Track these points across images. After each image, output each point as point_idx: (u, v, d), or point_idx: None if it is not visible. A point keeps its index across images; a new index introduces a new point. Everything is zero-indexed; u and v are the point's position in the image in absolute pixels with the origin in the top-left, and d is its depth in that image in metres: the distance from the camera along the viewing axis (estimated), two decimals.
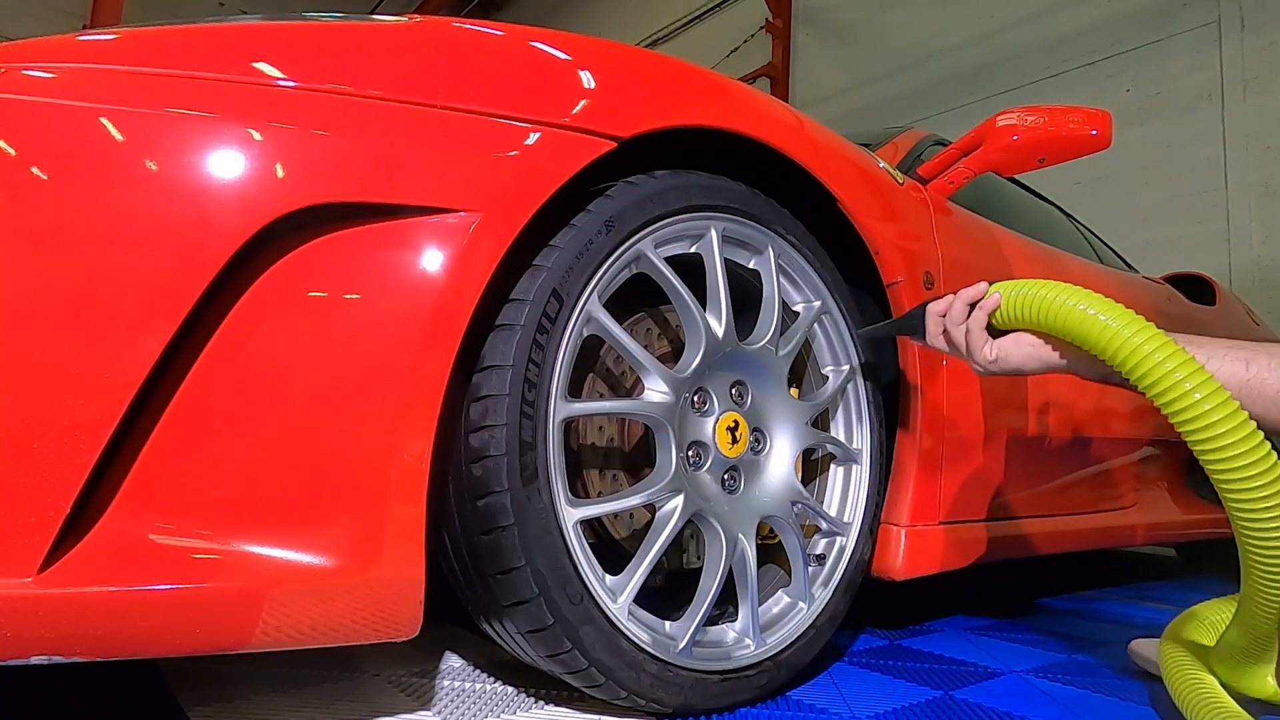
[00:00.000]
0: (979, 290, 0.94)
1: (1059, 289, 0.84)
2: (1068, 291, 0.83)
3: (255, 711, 0.85)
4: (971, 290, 0.95)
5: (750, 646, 0.97)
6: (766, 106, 1.09)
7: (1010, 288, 0.91)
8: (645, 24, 7.76)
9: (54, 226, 0.62)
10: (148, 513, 0.63)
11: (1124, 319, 0.77)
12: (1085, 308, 0.80)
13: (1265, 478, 0.69)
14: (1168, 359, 0.73)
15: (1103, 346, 0.78)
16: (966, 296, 0.94)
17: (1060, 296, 0.83)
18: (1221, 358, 0.78)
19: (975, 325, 0.93)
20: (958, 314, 0.95)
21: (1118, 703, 1.06)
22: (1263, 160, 4.02)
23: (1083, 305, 0.80)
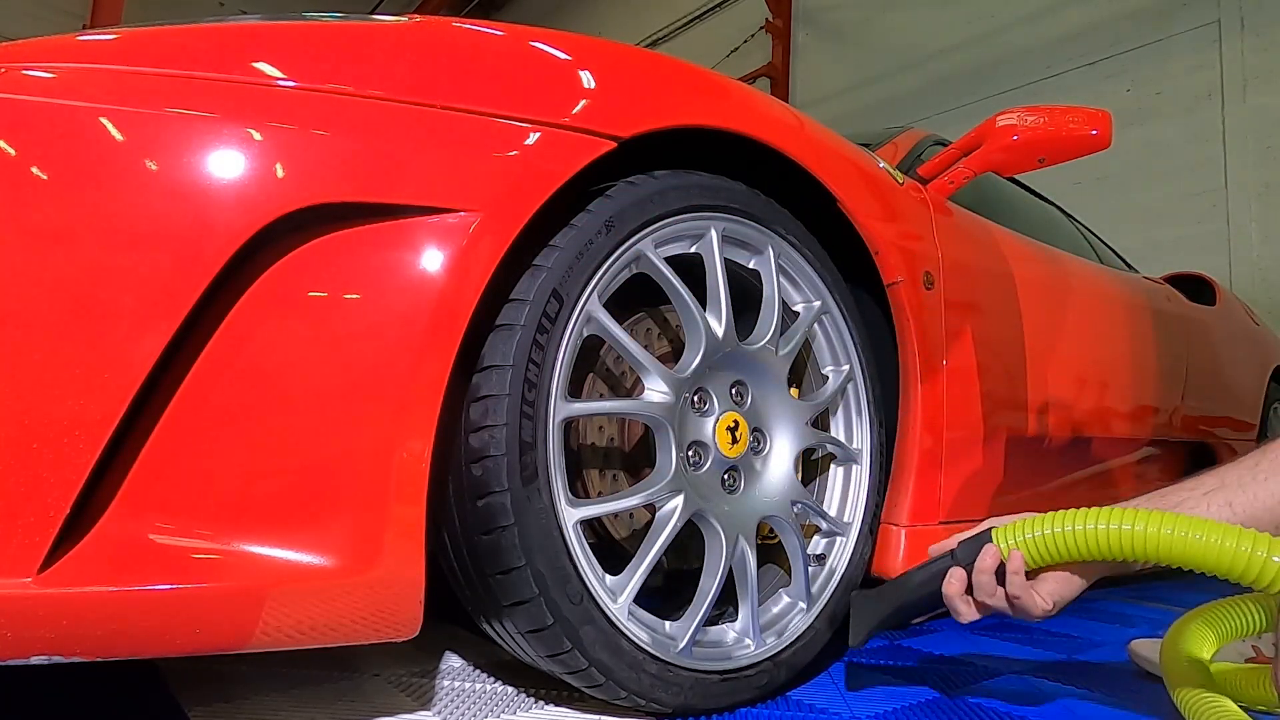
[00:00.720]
0: (994, 557, 0.86)
1: (1070, 519, 0.82)
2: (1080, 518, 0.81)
3: (255, 711, 0.85)
4: (986, 560, 0.86)
5: (750, 646, 0.97)
6: (767, 106, 1.09)
7: (1021, 534, 0.85)
8: (645, 24, 7.77)
9: (54, 226, 0.62)
10: (148, 513, 0.63)
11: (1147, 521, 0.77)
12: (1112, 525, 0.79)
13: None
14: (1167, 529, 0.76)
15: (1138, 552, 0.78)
16: (985, 569, 0.86)
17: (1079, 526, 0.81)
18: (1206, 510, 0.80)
19: (1018, 589, 0.85)
20: (987, 588, 0.87)
21: (1118, 703, 1.06)
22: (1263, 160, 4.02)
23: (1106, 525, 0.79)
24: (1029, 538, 0.84)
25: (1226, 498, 0.79)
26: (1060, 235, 2.29)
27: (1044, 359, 1.59)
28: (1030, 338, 1.53)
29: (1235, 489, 0.79)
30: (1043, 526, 0.83)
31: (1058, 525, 0.82)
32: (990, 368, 1.39)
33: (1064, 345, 1.69)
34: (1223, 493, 0.79)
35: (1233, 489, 0.79)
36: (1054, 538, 0.82)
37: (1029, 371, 1.50)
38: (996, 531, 0.87)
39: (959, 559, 0.89)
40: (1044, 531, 0.83)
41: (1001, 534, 0.87)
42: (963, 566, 0.88)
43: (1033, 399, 1.52)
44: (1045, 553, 0.83)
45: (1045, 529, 0.83)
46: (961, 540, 0.91)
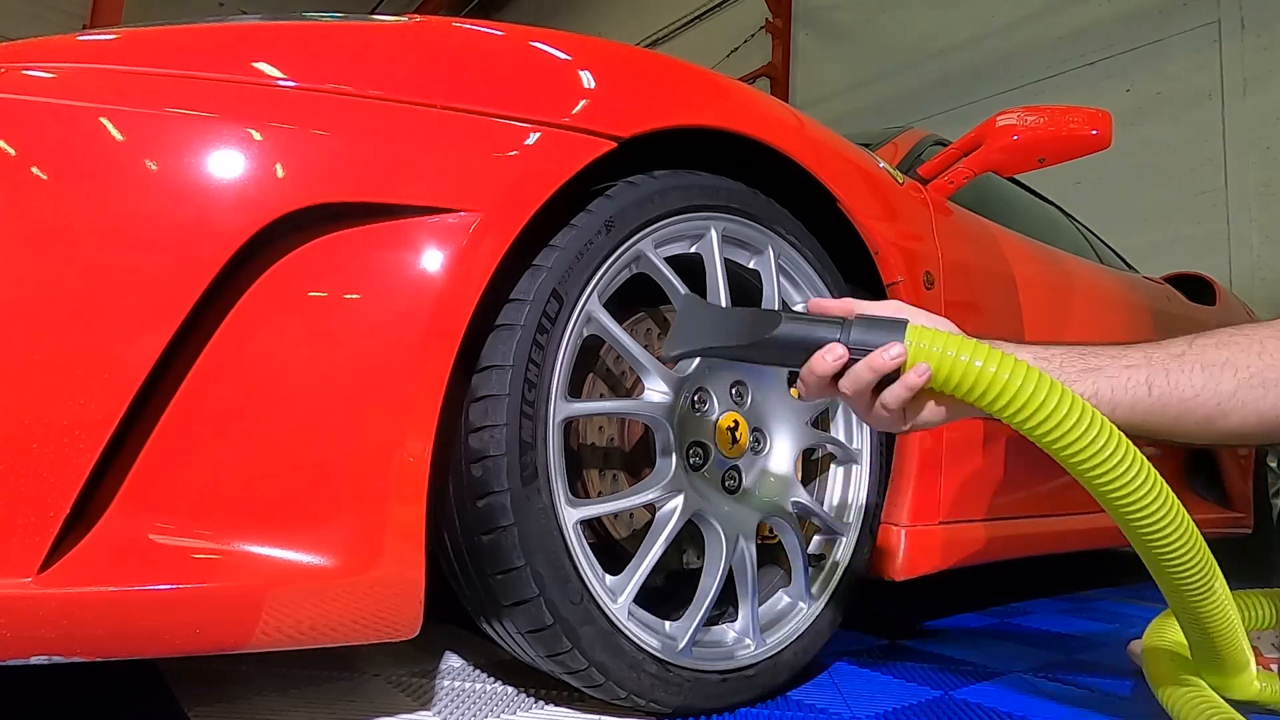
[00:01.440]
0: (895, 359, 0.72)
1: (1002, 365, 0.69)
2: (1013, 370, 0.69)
3: (255, 711, 0.85)
4: (887, 359, 0.72)
5: (750, 646, 0.97)
6: (767, 106, 1.09)
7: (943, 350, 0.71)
8: (645, 24, 7.76)
9: (54, 226, 0.62)
10: (148, 513, 0.63)
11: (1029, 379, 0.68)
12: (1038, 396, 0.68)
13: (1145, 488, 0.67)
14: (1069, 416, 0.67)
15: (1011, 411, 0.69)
16: (878, 368, 0.73)
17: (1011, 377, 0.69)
18: (1124, 384, 0.76)
19: (894, 403, 0.74)
20: (864, 386, 0.74)
21: (1117, 703, 1.06)
22: (1263, 160, 4.02)
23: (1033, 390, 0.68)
24: (950, 356, 0.70)
25: (1148, 377, 0.76)
26: (1060, 235, 2.29)
27: None
28: (1030, 338, 1.52)
29: (1160, 371, 0.76)
30: (970, 354, 0.70)
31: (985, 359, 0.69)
32: None
33: None
34: (1146, 370, 0.77)
35: (1156, 370, 0.77)
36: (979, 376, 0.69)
37: None
38: (914, 331, 0.72)
39: (849, 339, 0.73)
40: (967, 358, 0.70)
41: (919, 338, 0.71)
42: (846, 348, 0.73)
43: None
44: (958, 385, 0.70)
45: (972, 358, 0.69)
46: (864, 317, 0.75)
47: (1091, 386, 0.76)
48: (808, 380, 0.76)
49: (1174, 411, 0.76)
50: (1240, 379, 0.75)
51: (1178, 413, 0.76)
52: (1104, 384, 0.76)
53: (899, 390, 0.73)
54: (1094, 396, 0.76)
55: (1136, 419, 0.76)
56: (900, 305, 0.80)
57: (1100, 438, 0.67)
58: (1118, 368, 0.77)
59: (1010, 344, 0.79)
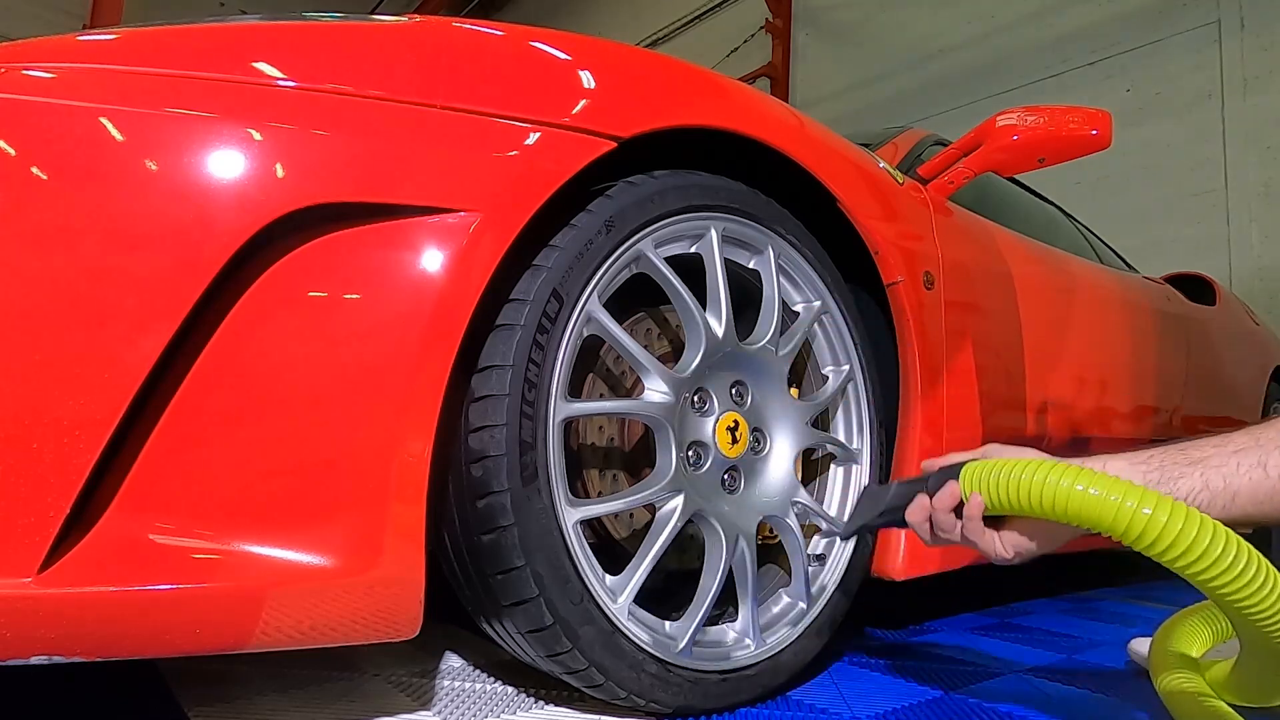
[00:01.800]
0: (953, 496, 0.79)
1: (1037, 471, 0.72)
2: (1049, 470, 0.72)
3: (255, 711, 0.85)
4: (944, 498, 0.80)
5: (750, 646, 0.97)
6: (767, 106, 1.09)
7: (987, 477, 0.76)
8: (645, 24, 7.77)
9: (54, 226, 0.62)
10: (148, 513, 0.63)
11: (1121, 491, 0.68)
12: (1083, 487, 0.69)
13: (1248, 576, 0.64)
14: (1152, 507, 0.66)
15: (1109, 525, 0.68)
16: (942, 507, 0.80)
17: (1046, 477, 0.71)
18: (1236, 470, 0.70)
19: (974, 534, 0.79)
20: (945, 525, 0.81)
21: (1118, 703, 1.06)
22: (1263, 160, 4.02)
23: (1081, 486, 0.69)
24: (993, 480, 0.75)
25: (1260, 458, 0.69)
26: (1060, 235, 2.29)
27: (1044, 359, 1.59)
28: (1030, 338, 1.53)
29: (1273, 450, 0.69)
30: (1008, 473, 0.74)
31: (1023, 474, 0.73)
32: (990, 368, 1.39)
33: (1064, 345, 1.69)
34: (1256, 452, 0.69)
35: (1269, 449, 0.69)
36: (1016, 487, 0.73)
37: (1029, 372, 1.50)
38: (967, 469, 0.79)
39: (928, 487, 0.82)
40: (1007, 478, 0.74)
41: (970, 472, 0.79)
42: (929, 496, 0.82)
43: (1033, 399, 1.52)
44: (1006, 502, 0.75)
45: (1008, 475, 0.74)
46: (940, 466, 0.84)
47: (1201, 480, 0.71)
48: (916, 529, 0.84)
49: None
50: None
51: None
52: (1214, 474, 0.70)
53: (967, 524, 0.79)
54: (1205, 489, 0.70)
55: (1261, 504, 0.69)
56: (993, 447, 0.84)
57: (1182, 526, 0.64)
58: (1224, 455, 0.71)
59: (1110, 457, 0.77)
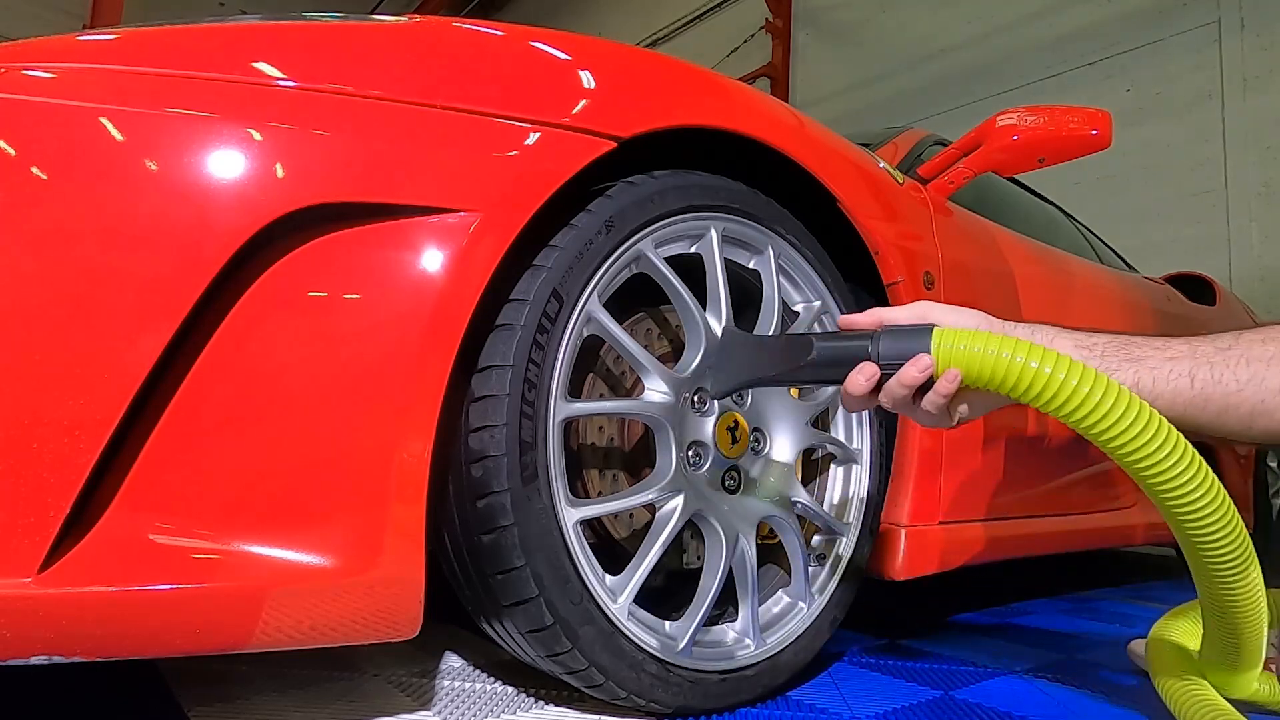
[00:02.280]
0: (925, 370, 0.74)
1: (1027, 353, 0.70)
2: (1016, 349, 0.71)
3: (255, 711, 0.85)
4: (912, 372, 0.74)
5: (750, 646, 0.97)
6: (767, 106, 1.09)
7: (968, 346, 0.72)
8: (645, 24, 7.77)
9: (54, 226, 0.62)
10: (148, 513, 0.63)
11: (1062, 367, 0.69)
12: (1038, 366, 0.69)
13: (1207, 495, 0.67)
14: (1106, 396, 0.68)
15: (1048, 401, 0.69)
16: (909, 382, 0.74)
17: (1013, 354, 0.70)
18: (1166, 374, 0.75)
19: (935, 408, 0.76)
20: (901, 399, 0.76)
21: (1117, 703, 1.06)
22: (1263, 160, 4.02)
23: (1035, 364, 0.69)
24: (978, 353, 0.71)
25: (1191, 369, 0.74)
26: (1060, 235, 2.29)
27: None
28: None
29: (1203, 363, 0.74)
30: (994, 346, 0.71)
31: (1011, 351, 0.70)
32: None
33: None
34: (1189, 362, 0.75)
35: (1200, 362, 0.75)
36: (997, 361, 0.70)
37: None
38: (939, 347, 0.73)
39: (879, 354, 0.75)
40: (993, 352, 0.70)
41: (944, 350, 0.73)
42: (878, 365, 0.75)
43: None
44: (990, 380, 0.71)
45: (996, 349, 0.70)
46: (891, 328, 0.77)
47: (1133, 376, 0.75)
48: (847, 399, 0.78)
49: (1216, 406, 0.74)
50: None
51: (1220, 407, 0.74)
52: (1145, 374, 0.75)
53: (934, 398, 0.74)
54: (1135, 386, 0.74)
55: (1178, 411, 0.74)
56: (929, 306, 0.80)
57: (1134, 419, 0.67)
58: (1160, 359, 0.76)
59: (1054, 329, 0.79)
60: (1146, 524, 1.93)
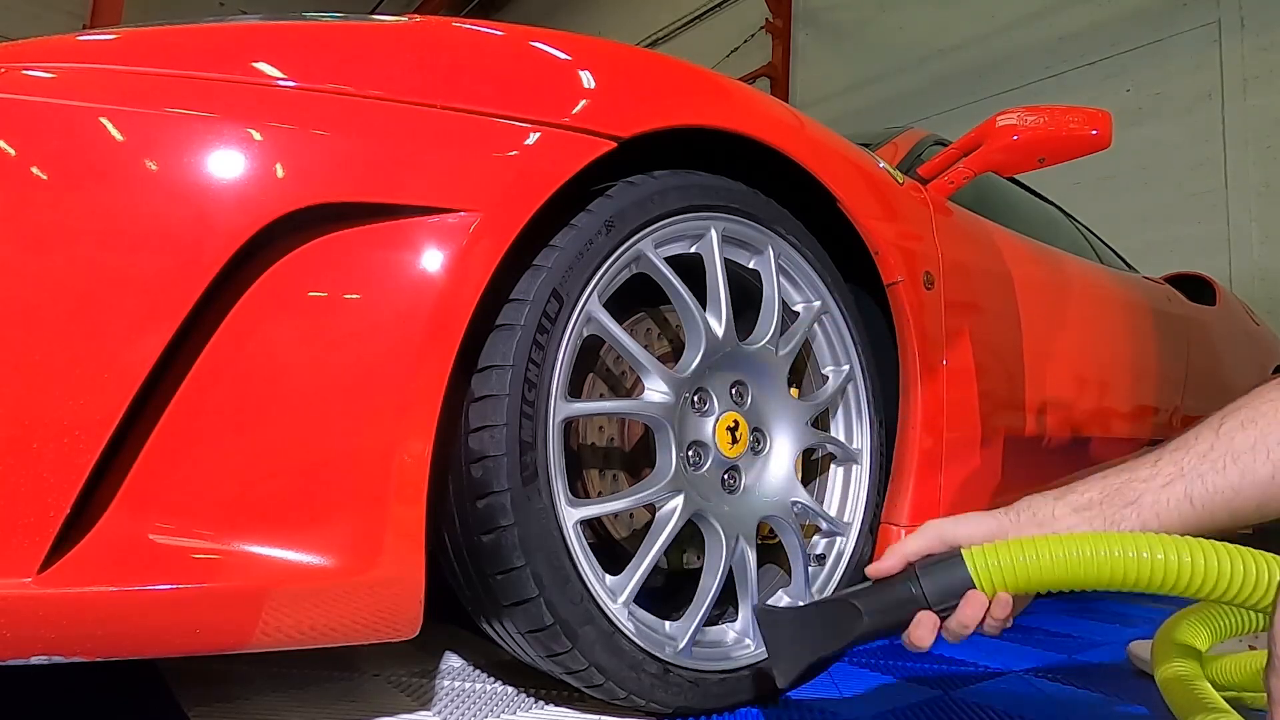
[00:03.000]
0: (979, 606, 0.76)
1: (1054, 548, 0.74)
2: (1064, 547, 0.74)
3: (255, 711, 0.85)
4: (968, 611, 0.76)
5: (750, 646, 0.97)
6: (766, 106, 1.09)
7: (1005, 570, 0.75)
8: (645, 24, 7.77)
9: (54, 226, 0.62)
10: (148, 513, 0.63)
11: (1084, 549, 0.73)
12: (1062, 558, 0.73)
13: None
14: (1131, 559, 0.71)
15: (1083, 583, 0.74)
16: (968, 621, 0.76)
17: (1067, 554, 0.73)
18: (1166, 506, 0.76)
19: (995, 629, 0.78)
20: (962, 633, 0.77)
21: (1118, 703, 1.06)
22: (1263, 160, 4.02)
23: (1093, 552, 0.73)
24: (1017, 568, 0.74)
25: (1186, 490, 0.75)
26: (1060, 235, 2.29)
27: (1044, 359, 1.59)
28: (1030, 338, 1.53)
29: (1195, 479, 0.75)
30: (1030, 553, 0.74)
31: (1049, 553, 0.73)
32: (990, 368, 1.39)
33: (1064, 345, 1.69)
34: (1182, 483, 0.76)
35: (1192, 479, 0.76)
36: (1049, 568, 0.73)
37: (1029, 371, 1.50)
38: (979, 574, 0.76)
39: (929, 601, 0.77)
40: (1032, 559, 0.74)
41: (985, 576, 0.76)
42: (933, 610, 0.77)
43: (1032, 399, 1.52)
44: (1031, 583, 0.75)
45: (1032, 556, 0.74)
46: (924, 566, 0.78)
47: (1138, 520, 0.76)
48: (914, 645, 0.78)
49: (1224, 515, 0.75)
50: (1274, 460, 0.73)
51: (1228, 514, 0.75)
52: (1148, 513, 0.76)
53: (993, 623, 0.78)
54: (1143, 529, 0.76)
55: (1191, 532, 0.75)
56: (938, 525, 0.81)
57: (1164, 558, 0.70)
58: (1155, 491, 0.77)
59: (1050, 497, 0.80)
60: None
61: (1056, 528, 0.78)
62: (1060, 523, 0.78)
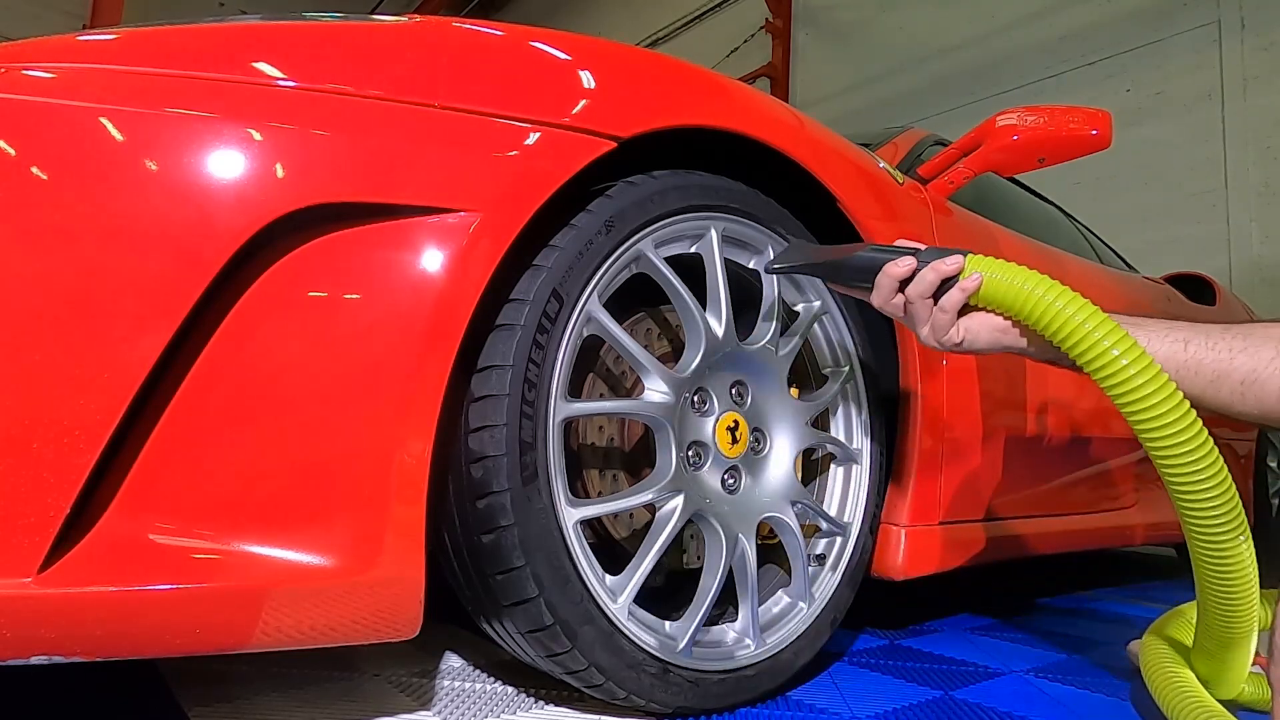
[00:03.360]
0: (955, 265, 0.84)
1: (1031, 279, 0.80)
2: (1038, 282, 0.80)
3: (255, 711, 0.85)
4: (948, 264, 0.84)
5: (750, 646, 0.97)
6: (766, 106, 1.09)
7: (990, 269, 0.83)
8: (645, 24, 7.76)
9: (54, 226, 0.62)
10: (148, 513, 0.63)
11: (1074, 303, 0.77)
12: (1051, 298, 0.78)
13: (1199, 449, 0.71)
14: (1106, 336, 0.74)
15: (1055, 330, 0.78)
16: (941, 270, 0.84)
17: (1034, 288, 0.80)
18: (1161, 337, 0.79)
19: (950, 305, 0.84)
20: (926, 287, 0.85)
21: (1117, 703, 1.06)
22: (1263, 160, 4.02)
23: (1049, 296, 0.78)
24: (996, 277, 0.82)
25: (1186, 336, 0.78)
26: (1060, 235, 2.29)
27: None
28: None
29: (1199, 333, 0.78)
30: (1008, 273, 0.81)
31: (1016, 277, 0.80)
32: (990, 368, 1.39)
33: None
34: (1186, 331, 0.79)
35: (1197, 333, 0.78)
36: (1010, 286, 0.80)
37: (1028, 371, 1.50)
38: (975, 257, 0.84)
39: (921, 256, 0.86)
40: (1006, 278, 0.81)
41: (978, 259, 0.84)
42: (920, 262, 0.86)
43: (1032, 399, 1.52)
44: (999, 296, 0.81)
45: (1010, 276, 0.81)
46: (928, 247, 0.88)
47: (1129, 328, 0.78)
48: (882, 282, 0.87)
49: (1209, 372, 0.76)
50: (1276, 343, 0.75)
51: (1213, 374, 0.76)
52: (1142, 335, 0.78)
53: (954, 294, 0.83)
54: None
55: (1170, 374, 0.76)
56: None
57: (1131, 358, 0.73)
58: (1161, 326, 0.80)
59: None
60: (1146, 524, 1.93)
61: None
62: None
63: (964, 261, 0.84)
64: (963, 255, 0.85)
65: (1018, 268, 0.82)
